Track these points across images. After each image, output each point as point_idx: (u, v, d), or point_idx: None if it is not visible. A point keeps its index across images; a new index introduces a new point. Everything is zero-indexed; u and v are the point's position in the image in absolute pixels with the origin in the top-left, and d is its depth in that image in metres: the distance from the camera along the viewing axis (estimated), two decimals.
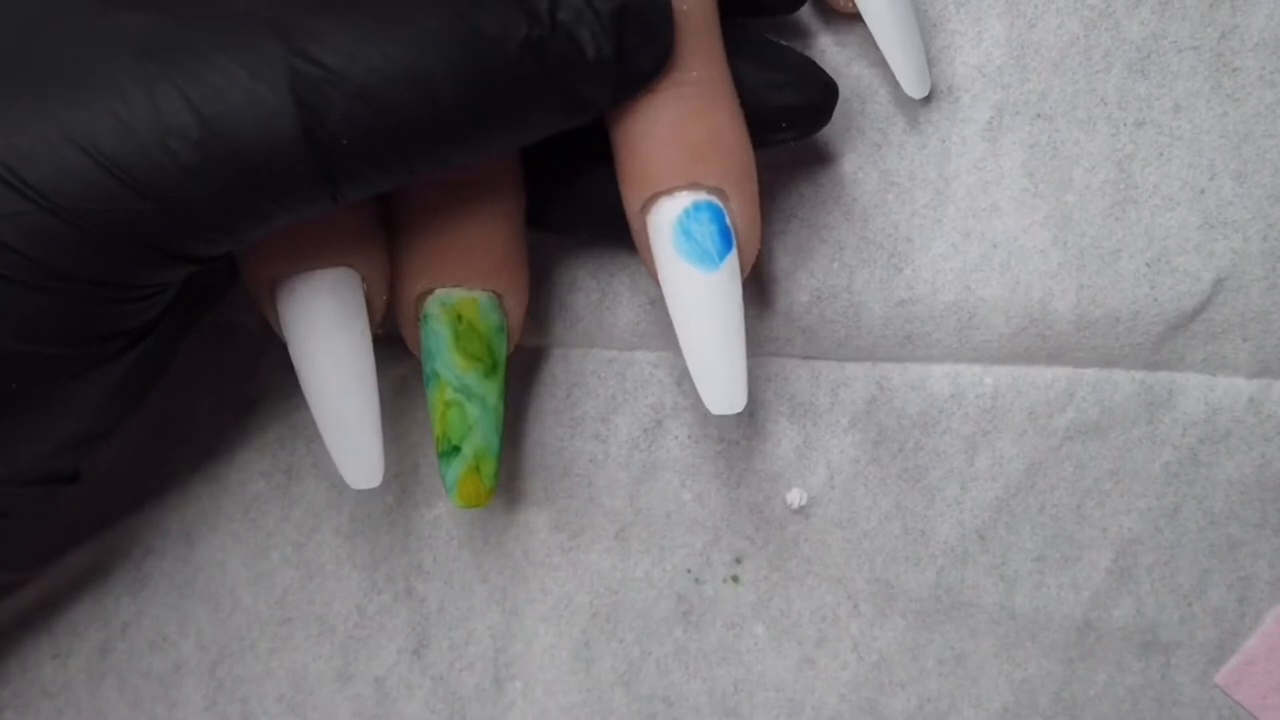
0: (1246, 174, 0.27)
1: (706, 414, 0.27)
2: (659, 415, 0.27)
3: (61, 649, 0.27)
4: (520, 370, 0.27)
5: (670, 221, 0.21)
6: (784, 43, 0.25)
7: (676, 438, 0.27)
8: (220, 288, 0.25)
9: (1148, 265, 0.27)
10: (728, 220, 0.21)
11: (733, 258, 0.22)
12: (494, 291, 0.23)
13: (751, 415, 0.27)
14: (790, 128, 0.24)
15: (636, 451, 0.27)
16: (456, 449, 0.23)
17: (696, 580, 0.27)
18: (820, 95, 0.24)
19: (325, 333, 0.22)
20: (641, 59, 0.20)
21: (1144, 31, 0.27)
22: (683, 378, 0.27)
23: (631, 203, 0.22)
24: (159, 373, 0.24)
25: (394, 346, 0.27)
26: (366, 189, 0.20)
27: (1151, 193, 0.27)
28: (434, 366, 0.23)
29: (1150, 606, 0.27)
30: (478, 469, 0.23)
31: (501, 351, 0.23)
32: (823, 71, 0.24)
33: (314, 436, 0.27)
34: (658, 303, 0.27)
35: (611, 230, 0.23)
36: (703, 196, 0.21)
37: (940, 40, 0.27)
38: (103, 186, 0.18)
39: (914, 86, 0.26)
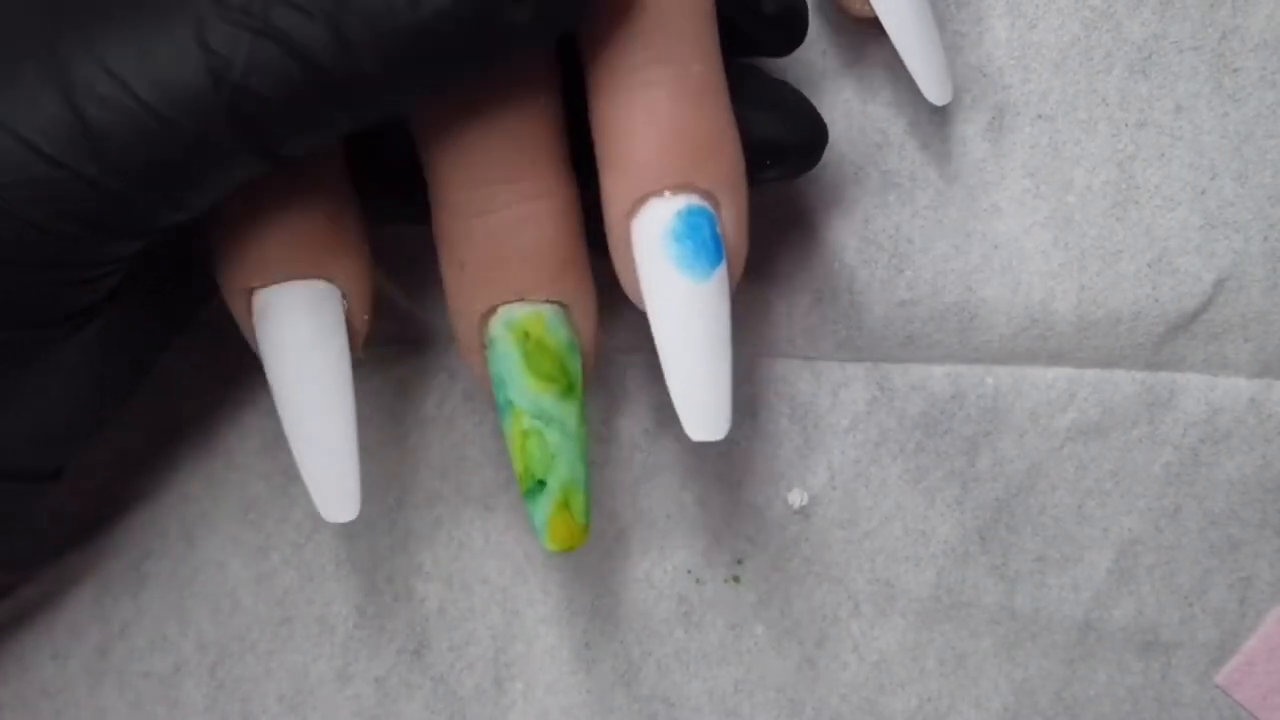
0: (1248, 174, 0.27)
1: None
2: (660, 416, 0.27)
3: (61, 649, 0.27)
4: None
5: (661, 224, 0.20)
6: (777, 77, 0.24)
7: (677, 439, 0.27)
8: (209, 290, 0.25)
9: (1149, 266, 0.27)
10: (719, 228, 0.20)
11: (723, 270, 0.20)
12: (559, 303, 0.21)
13: (753, 416, 0.27)
14: (775, 165, 0.22)
15: (637, 452, 0.27)
16: (541, 484, 0.21)
17: (697, 581, 0.27)
18: (810, 133, 0.23)
19: (300, 350, 0.20)
20: None
21: (1145, 32, 0.27)
22: None
23: (617, 202, 0.20)
24: (142, 372, 0.23)
25: (391, 348, 0.27)
26: (301, 139, 0.18)
27: (1152, 193, 0.27)
28: (507, 395, 0.21)
29: (1151, 607, 0.27)
30: (567, 504, 0.21)
31: (576, 370, 0.21)
32: (813, 109, 0.23)
33: None
34: None
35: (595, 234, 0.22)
36: (696, 201, 0.20)
37: (941, 41, 0.27)
38: (22, 163, 0.17)
39: (936, 93, 0.25)
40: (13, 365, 0.19)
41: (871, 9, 0.25)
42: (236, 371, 0.27)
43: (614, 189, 0.20)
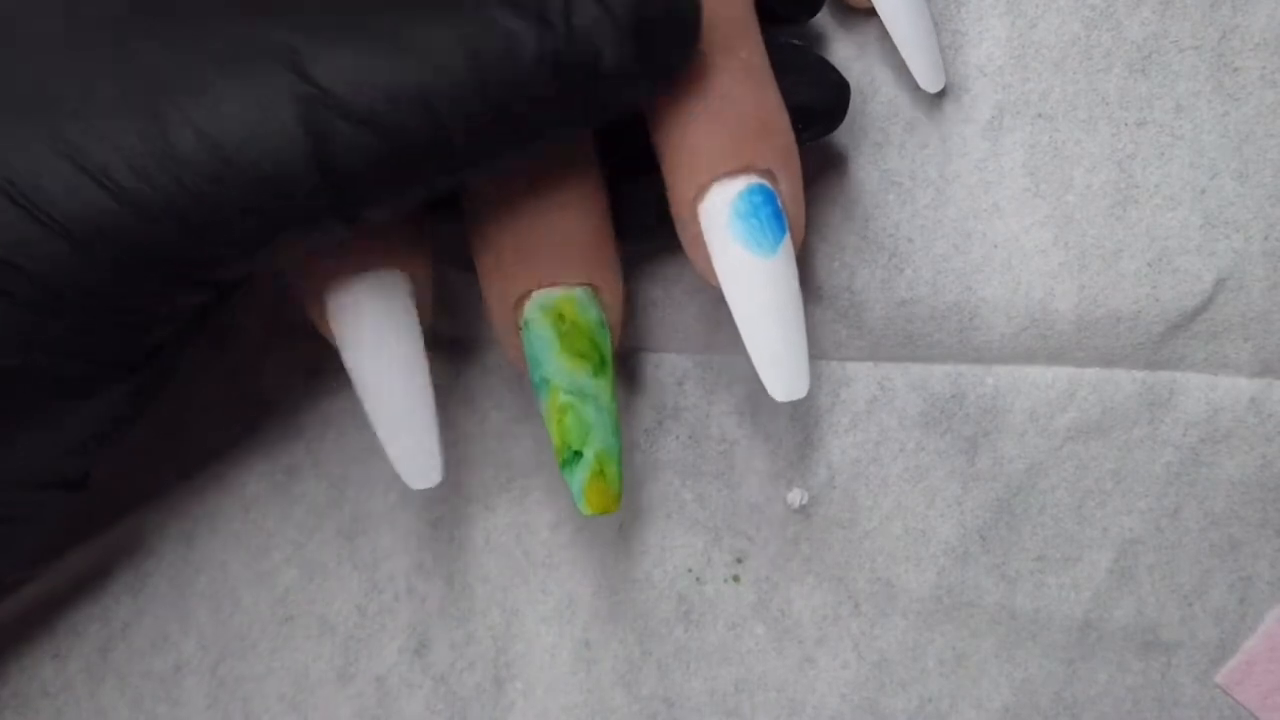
0: (1248, 173, 0.27)
1: (707, 414, 0.27)
2: (660, 416, 0.27)
3: (62, 649, 0.27)
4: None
5: (726, 206, 0.21)
6: (797, 43, 0.25)
7: (677, 438, 0.27)
8: (233, 294, 0.25)
9: (1149, 265, 0.27)
10: (779, 203, 0.21)
11: (788, 241, 0.22)
12: (590, 285, 0.22)
13: (753, 415, 0.27)
14: (805, 129, 0.23)
15: (637, 452, 0.27)
16: (578, 454, 0.22)
17: (697, 580, 0.27)
18: (834, 95, 0.24)
19: (378, 335, 0.22)
20: (667, 57, 0.20)
21: (1145, 31, 0.27)
22: (684, 378, 0.27)
23: (683, 192, 0.21)
24: (168, 378, 0.24)
25: None
26: (385, 210, 0.20)
27: (1153, 192, 0.27)
28: (542, 373, 0.22)
29: (1151, 606, 0.27)
30: (602, 472, 0.22)
31: (607, 348, 0.23)
32: (836, 71, 0.24)
33: (314, 436, 0.27)
34: (659, 303, 0.27)
35: (652, 239, 0.23)
36: (755, 180, 0.21)
37: (941, 40, 0.27)
38: (113, 213, 0.18)
39: (929, 80, 0.26)
40: (76, 396, 0.20)
41: None
42: (238, 371, 0.27)
43: (678, 179, 0.21)
